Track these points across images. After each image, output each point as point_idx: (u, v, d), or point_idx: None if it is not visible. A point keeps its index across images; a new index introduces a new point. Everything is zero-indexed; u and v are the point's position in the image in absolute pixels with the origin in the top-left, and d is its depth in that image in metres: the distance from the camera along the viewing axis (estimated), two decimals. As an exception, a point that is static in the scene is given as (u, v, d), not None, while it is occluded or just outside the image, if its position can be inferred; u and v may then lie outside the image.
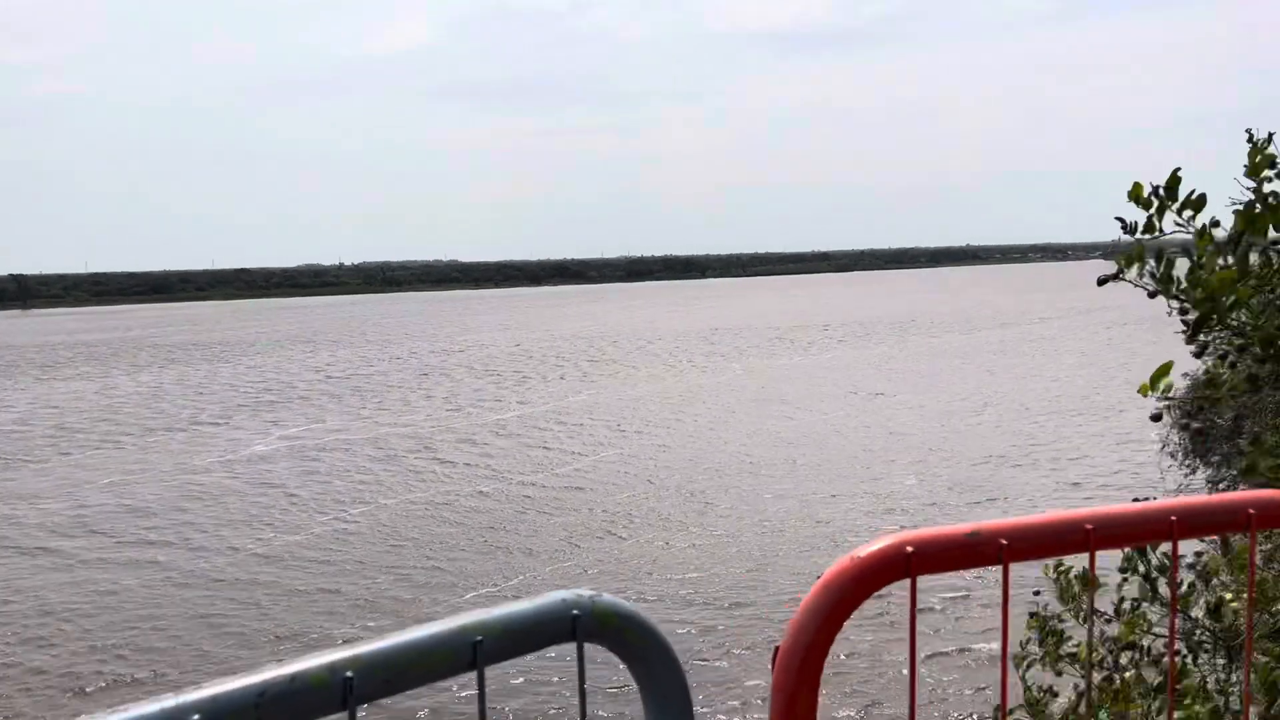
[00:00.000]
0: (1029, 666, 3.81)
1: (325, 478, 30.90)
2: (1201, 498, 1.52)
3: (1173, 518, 1.44)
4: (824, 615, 1.35)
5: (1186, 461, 21.18)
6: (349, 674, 0.99)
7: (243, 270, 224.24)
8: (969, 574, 18.36)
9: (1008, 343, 65.89)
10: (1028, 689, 3.53)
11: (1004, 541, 1.38)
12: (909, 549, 1.35)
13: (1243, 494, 1.51)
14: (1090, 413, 37.80)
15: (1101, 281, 3.29)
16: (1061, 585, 3.65)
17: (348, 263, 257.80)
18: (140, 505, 27.94)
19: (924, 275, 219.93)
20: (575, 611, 1.17)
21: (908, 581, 1.36)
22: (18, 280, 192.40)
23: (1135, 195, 3.03)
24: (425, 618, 1.20)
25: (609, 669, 1.30)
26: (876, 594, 1.41)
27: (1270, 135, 3.77)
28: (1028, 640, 4.02)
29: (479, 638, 1.08)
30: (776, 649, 1.37)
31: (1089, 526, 1.42)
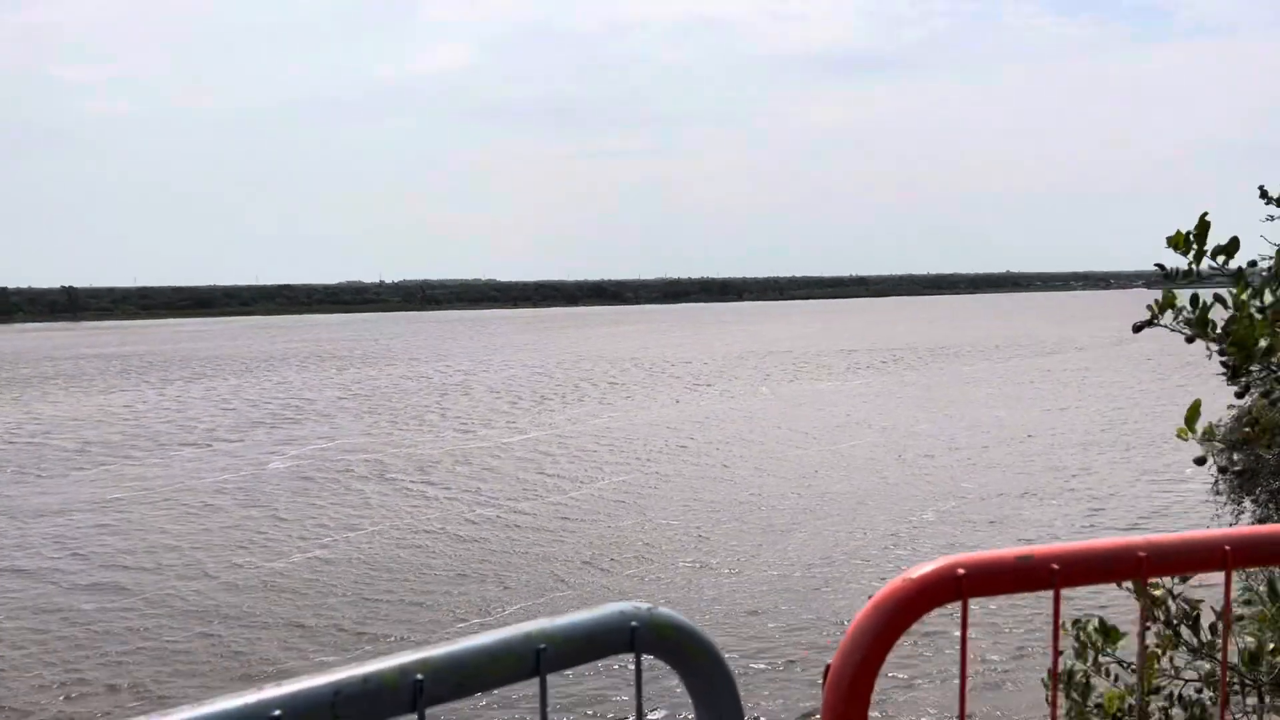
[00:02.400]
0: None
1: (348, 494, 31.13)
2: (1256, 528, 1.52)
3: (1226, 547, 1.44)
4: (875, 634, 1.36)
5: (1233, 496, 20.81)
6: (419, 676, 1.03)
7: (285, 286, 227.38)
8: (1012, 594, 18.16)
9: (1048, 372, 65.13)
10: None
11: (1056, 566, 1.38)
12: (960, 571, 1.36)
13: (1297, 525, 1.50)
14: (1137, 448, 37.24)
15: (1137, 328, 3.28)
16: (1081, 640, 3.59)
17: (388, 280, 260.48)
18: (131, 523, 27.81)
19: (964, 301, 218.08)
20: (634, 623, 1.19)
21: (958, 604, 1.38)
22: (68, 293, 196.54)
23: (1175, 243, 3.03)
24: (484, 628, 1.22)
25: (660, 680, 1.30)
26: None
27: None
28: (1049, 698, 3.93)
29: (543, 645, 1.11)
30: (828, 667, 1.39)
31: (1141, 554, 1.43)
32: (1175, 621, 3.28)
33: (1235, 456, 20.66)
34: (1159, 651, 3.36)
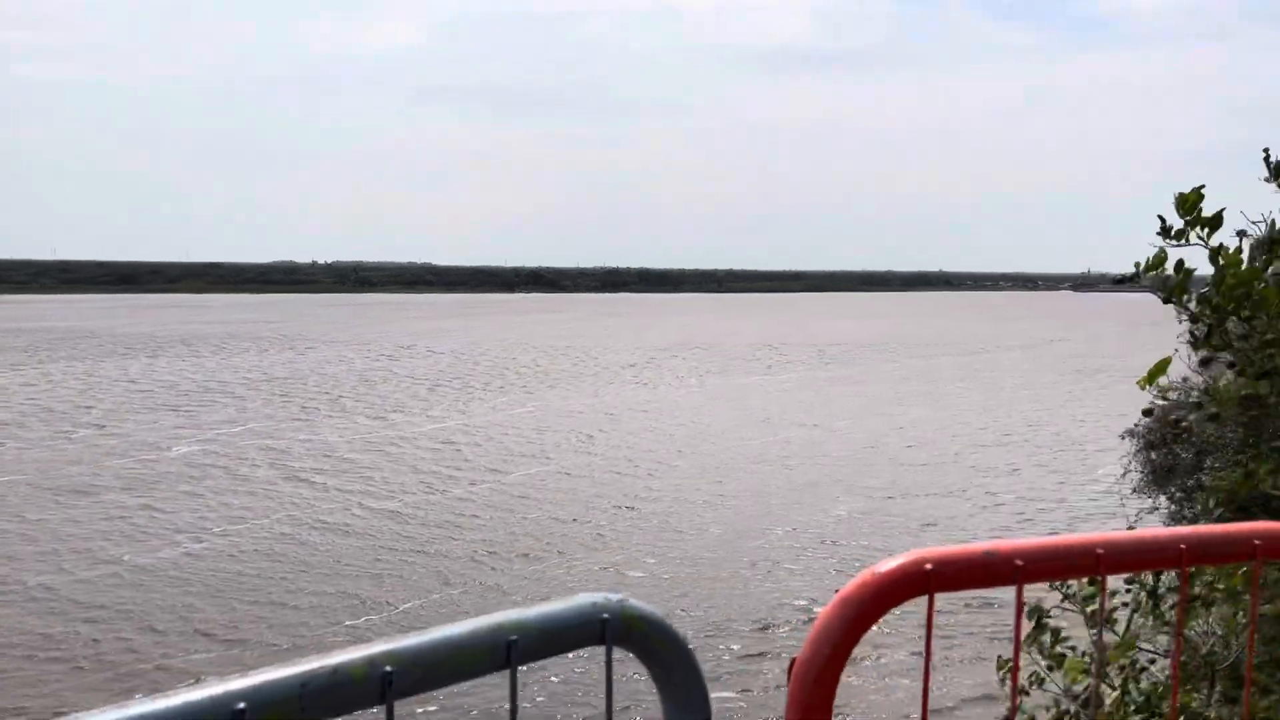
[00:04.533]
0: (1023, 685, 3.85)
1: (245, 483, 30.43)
2: (1209, 527, 1.55)
3: (1182, 546, 1.47)
4: (842, 629, 1.36)
5: (1149, 494, 21.48)
6: (388, 668, 0.99)
7: (214, 264, 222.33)
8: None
9: (974, 370, 66.54)
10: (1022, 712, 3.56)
11: (1019, 562, 1.40)
12: (928, 566, 1.36)
13: (1249, 525, 1.54)
14: (1054, 448, 38.21)
15: (1118, 281, 3.40)
16: (1072, 596, 3.67)
17: (321, 261, 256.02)
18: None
19: (896, 299, 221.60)
20: (605, 615, 1.17)
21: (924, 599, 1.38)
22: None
23: (1183, 203, 3.11)
24: (454, 618, 1.18)
25: (629, 671, 1.28)
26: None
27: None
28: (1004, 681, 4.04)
29: (513, 637, 1.09)
30: (793, 660, 1.38)
31: (1100, 551, 1.44)
32: (1129, 605, 3.36)
33: (1153, 455, 21.35)
34: (1129, 624, 3.46)
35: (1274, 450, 3.52)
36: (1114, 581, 3.67)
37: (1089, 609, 3.32)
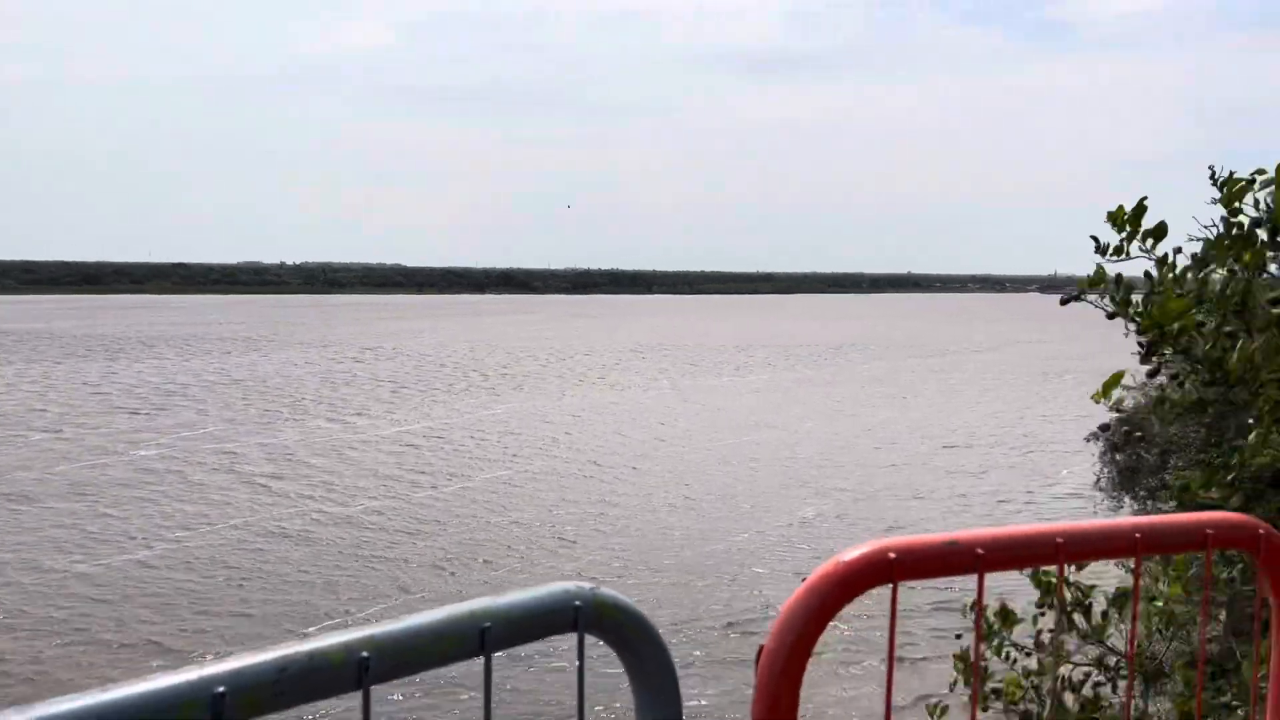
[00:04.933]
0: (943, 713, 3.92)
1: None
2: (1163, 517, 1.60)
3: (1136, 534, 1.51)
4: (807, 617, 1.39)
5: (1114, 495, 21.79)
6: (365, 654, 1.01)
7: (180, 264, 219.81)
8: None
9: (938, 371, 67.12)
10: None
11: (980, 551, 1.43)
12: (891, 555, 1.39)
13: (1202, 515, 1.59)
14: (1022, 448, 38.63)
15: (1064, 301, 3.45)
16: (984, 624, 3.75)
17: (290, 262, 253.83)
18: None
19: (866, 301, 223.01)
20: (578, 602, 1.20)
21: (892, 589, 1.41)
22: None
23: (1114, 218, 3.18)
24: (425, 606, 1.21)
25: (600, 659, 1.30)
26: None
27: (1232, 173, 3.98)
28: (954, 681, 4.12)
29: (487, 624, 1.11)
30: (761, 649, 1.41)
31: (1059, 540, 1.49)
32: (1069, 608, 3.44)
33: (1118, 457, 21.66)
34: (1059, 634, 3.53)
35: (1229, 451, 3.60)
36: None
37: (999, 628, 3.39)
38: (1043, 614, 3.85)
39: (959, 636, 4.29)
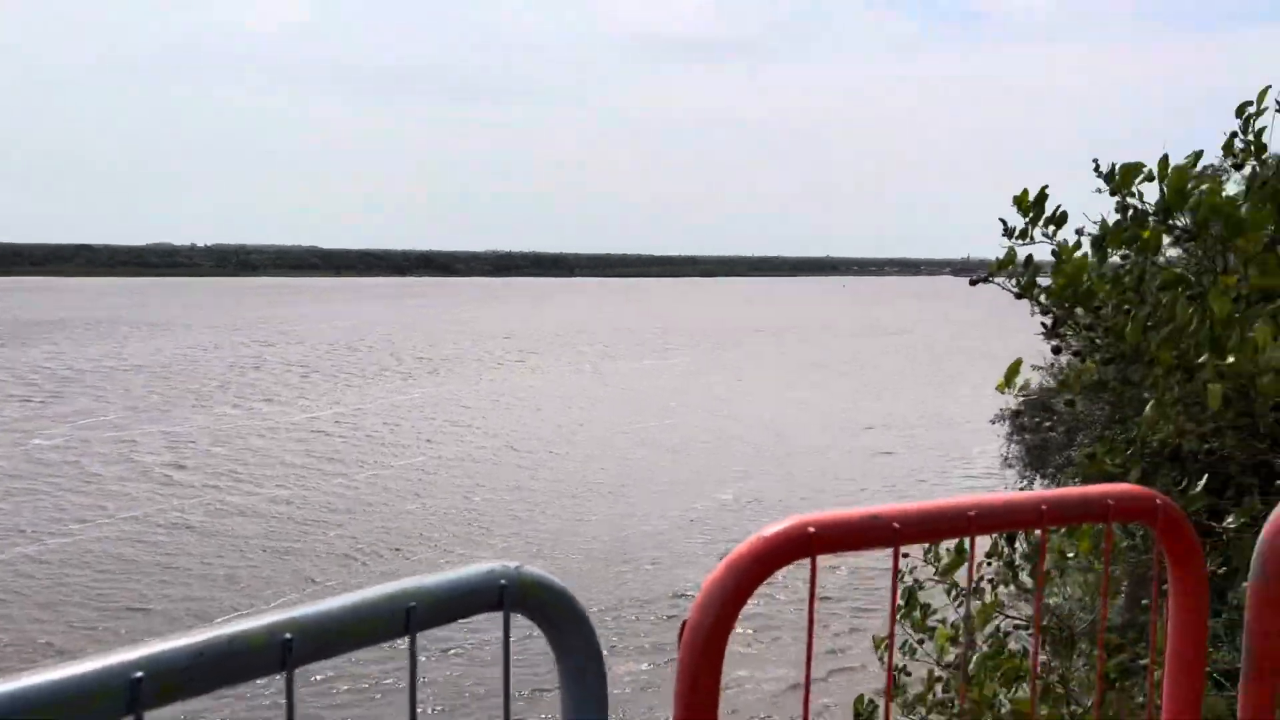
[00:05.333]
0: (890, 649, 4.03)
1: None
2: (1067, 490, 1.66)
3: (1043, 506, 1.57)
4: (729, 591, 1.42)
5: (1024, 474, 22.48)
6: (287, 636, 1.00)
7: (84, 246, 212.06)
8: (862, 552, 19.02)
9: (856, 353, 68.35)
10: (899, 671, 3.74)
11: (897, 525, 1.48)
12: (811, 529, 1.43)
13: (1103, 486, 1.66)
14: (938, 428, 39.56)
15: (973, 282, 3.56)
16: (939, 565, 3.87)
17: (201, 244, 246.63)
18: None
19: (787, 284, 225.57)
20: (503, 581, 1.20)
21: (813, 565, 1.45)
22: None
23: (1019, 202, 3.29)
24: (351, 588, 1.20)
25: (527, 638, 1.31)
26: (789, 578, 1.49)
27: (1115, 164, 4.12)
28: (880, 651, 4.24)
29: (412, 604, 1.11)
30: (684, 624, 1.43)
31: (971, 513, 1.54)
32: (994, 580, 3.55)
33: (1027, 436, 22.33)
34: (994, 587, 3.66)
35: (1129, 426, 3.76)
36: (981, 554, 3.87)
37: (953, 575, 3.52)
38: (989, 563, 4.00)
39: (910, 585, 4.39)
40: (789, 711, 14.92)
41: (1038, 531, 1.61)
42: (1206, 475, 3.35)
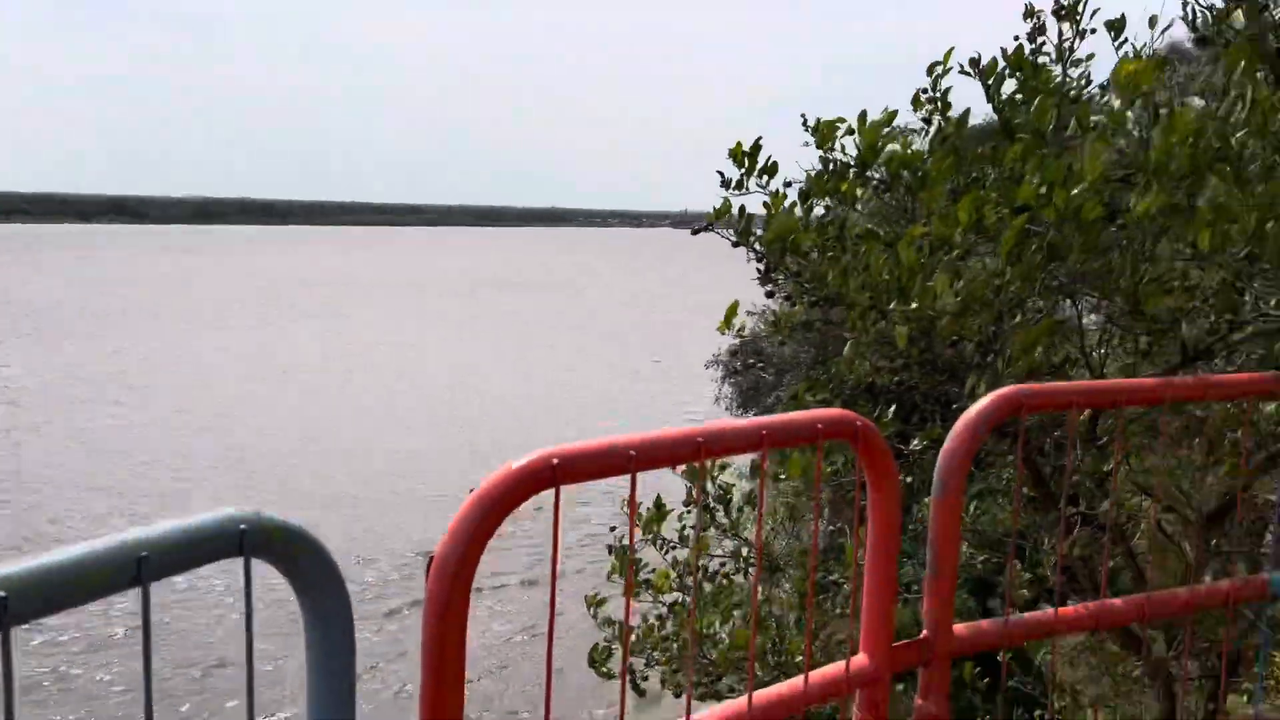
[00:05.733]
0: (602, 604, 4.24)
1: None
2: (783, 415, 1.82)
3: (764, 432, 1.71)
4: (477, 523, 1.45)
5: (736, 413, 23.97)
6: (2, 594, 0.93)
7: None
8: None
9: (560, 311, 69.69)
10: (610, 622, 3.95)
11: (633, 453, 1.56)
12: (555, 461, 1.48)
13: (814, 412, 1.83)
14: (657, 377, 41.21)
15: (695, 231, 3.74)
16: (638, 519, 4.09)
17: None
18: None
19: (511, 234, 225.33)
20: (242, 526, 1.16)
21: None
22: None
23: (734, 154, 3.48)
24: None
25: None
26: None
27: (819, 119, 4.43)
28: (611, 571, 4.44)
29: (144, 553, 1.05)
30: (430, 557, 1.45)
31: (700, 440, 1.65)
32: (711, 506, 3.79)
33: (740, 379, 23.76)
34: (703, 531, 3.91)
35: (831, 366, 4.12)
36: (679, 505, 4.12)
37: (659, 528, 3.76)
38: (690, 511, 4.27)
39: (614, 529, 4.63)
40: (535, 650, 15.31)
41: (755, 456, 1.75)
42: (895, 404, 3.75)
